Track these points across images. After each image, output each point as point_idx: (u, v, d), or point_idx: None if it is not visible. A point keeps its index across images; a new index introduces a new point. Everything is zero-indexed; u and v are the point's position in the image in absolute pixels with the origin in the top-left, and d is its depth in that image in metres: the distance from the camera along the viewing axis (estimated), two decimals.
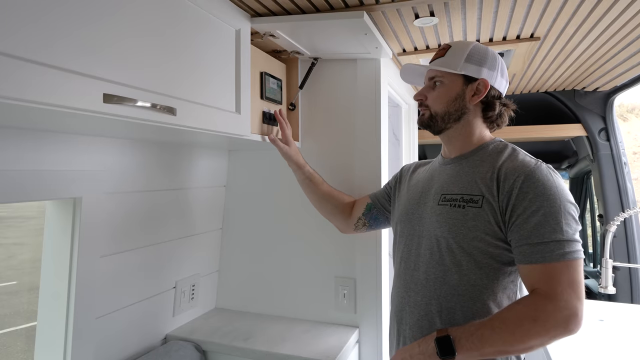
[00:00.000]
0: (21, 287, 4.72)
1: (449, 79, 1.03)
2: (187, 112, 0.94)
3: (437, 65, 1.04)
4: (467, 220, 0.94)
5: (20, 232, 5.38)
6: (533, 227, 0.86)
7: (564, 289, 0.83)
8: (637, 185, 9.22)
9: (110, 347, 1.19)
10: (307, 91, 1.55)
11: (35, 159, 0.94)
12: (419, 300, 1.00)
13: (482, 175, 0.96)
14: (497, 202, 0.91)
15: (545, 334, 0.82)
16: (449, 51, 1.05)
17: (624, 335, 1.54)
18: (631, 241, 2.20)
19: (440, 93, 1.04)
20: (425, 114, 1.07)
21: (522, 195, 0.88)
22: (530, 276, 0.87)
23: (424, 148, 3.08)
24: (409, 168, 1.27)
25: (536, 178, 0.89)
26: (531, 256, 0.86)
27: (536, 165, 0.91)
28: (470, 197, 0.95)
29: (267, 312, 1.61)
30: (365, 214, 1.31)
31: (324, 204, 1.36)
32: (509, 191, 0.90)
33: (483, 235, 0.92)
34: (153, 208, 1.31)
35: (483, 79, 1.02)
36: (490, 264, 0.93)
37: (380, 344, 1.46)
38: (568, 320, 0.82)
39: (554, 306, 0.82)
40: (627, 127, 11.80)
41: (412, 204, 1.10)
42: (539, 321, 0.82)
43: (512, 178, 0.90)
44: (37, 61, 0.63)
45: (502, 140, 1.05)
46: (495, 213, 0.91)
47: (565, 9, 1.16)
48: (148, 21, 0.85)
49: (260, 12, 1.18)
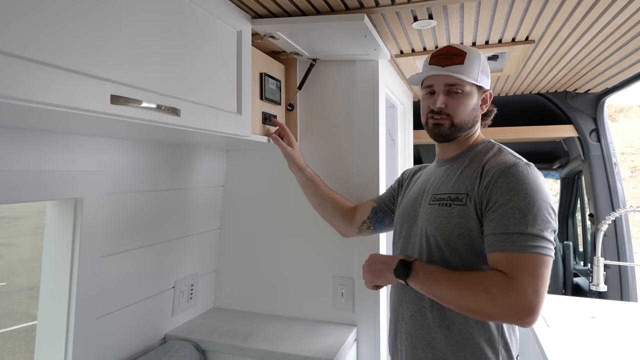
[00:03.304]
0: (11, 289, 4.65)
1: (469, 87, 1.03)
2: (190, 113, 0.94)
3: (462, 74, 1.00)
4: (452, 218, 0.96)
5: (8, 233, 5.28)
6: (499, 218, 0.88)
7: (524, 278, 0.82)
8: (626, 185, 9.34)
9: (111, 347, 1.19)
10: (306, 92, 1.56)
11: (37, 160, 0.93)
12: (413, 295, 1.03)
13: (469, 174, 0.99)
14: (478, 198, 0.94)
15: (492, 308, 0.83)
16: (467, 59, 1.01)
17: (615, 332, 1.58)
18: (621, 240, 2.25)
19: (461, 102, 1.02)
20: (444, 124, 1.03)
21: (496, 190, 0.90)
22: (494, 264, 0.88)
23: (418, 149, 3.11)
24: (410, 172, 1.29)
25: (511, 173, 0.90)
26: (494, 245, 0.88)
27: (514, 162, 0.93)
28: (456, 195, 0.98)
29: (265, 311, 1.62)
30: (371, 217, 1.32)
31: (325, 206, 1.37)
32: (486, 186, 0.92)
33: (467, 232, 0.94)
34: (152, 208, 1.31)
35: (489, 90, 1.07)
36: (475, 259, 0.95)
37: (378, 343, 1.48)
38: (521, 307, 0.81)
39: (510, 287, 0.82)
40: (616, 127, 11.99)
41: (409, 205, 1.13)
42: (489, 292, 0.84)
43: (490, 174, 0.93)
44: (45, 62, 0.63)
45: (491, 141, 1.08)
46: (476, 209, 0.94)
47: (560, 12, 1.18)
48: (152, 23, 0.85)
49: (261, 14, 1.19)
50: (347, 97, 1.53)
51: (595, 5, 1.13)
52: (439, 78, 1.03)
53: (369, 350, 1.49)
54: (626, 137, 11.73)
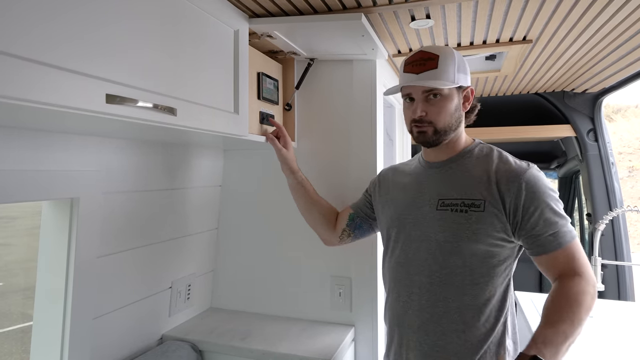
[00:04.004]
0: (8, 289, 4.63)
1: (447, 90, 1.01)
2: (187, 113, 0.94)
3: (436, 79, 0.99)
4: (471, 224, 0.98)
5: (5, 233, 5.26)
6: (541, 222, 0.95)
7: (585, 264, 0.95)
8: (623, 184, 9.37)
9: (107, 347, 1.18)
10: (303, 92, 1.56)
11: (33, 159, 0.93)
12: (424, 303, 1.02)
13: (478, 179, 1.01)
14: (500, 205, 0.96)
15: (593, 302, 0.93)
16: (440, 61, 0.99)
17: (613, 331, 1.58)
18: (618, 239, 2.25)
19: (441, 106, 1.01)
20: (427, 131, 1.02)
21: (529, 196, 0.95)
22: (555, 263, 0.95)
23: (416, 148, 3.10)
24: (387, 173, 1.27)
25: (532, 180, 0.97)
26: (548, 245, 0.95)
27: (528, 168, 0.99)
28: (471, 201, 0.99)
29: (263, 311, 1.62)
30: (349, 224, 1.31)
31: (311, 211, 1.35)
32: (516, 194, 0.96)
33: (486, 237, 0.97)
34: (149, 208, 1.31)
35: (469, 86, 1.07)
36: (491, 262, 0.98)
37: (375, 343, 1.48)
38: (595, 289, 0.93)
39: (587, 281, 0.93)
40: (613, 127, 12.03)
41: (404, 208, 1.11)
42: (594, 295, 0.93)
43: (516, 182, 0.97)
44: (40, 61, 0.62)
45: (481, 142, 1.10)
46: (499, 215, 0.96)
47: (557, 12, 1.18)
48: (148, 22, 0.85)
49: (258, 13, 1.18)
50: (345, 96, 1.52)
51: (592, 5, 1.13)
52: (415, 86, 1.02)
53: (366, 350, 1.49)
54: (623, 137, 11.77)
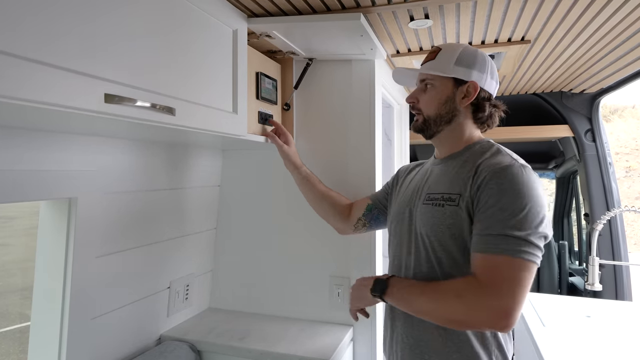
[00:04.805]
0: (5, 289, 4.61)
1: (439, 81, 1.04)
2: (185, 112, 0.94)
3: (428, 69, 1.05)
4: (445, 219, 0.95)
5: (3, 233, 5.23)
6: (486, 219, 0.86)
7: (500, 282, 0.80)
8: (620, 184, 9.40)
9: (105, 347, 1.18)
10: (302, 91, 1.56)
11: (31, 159, 0.93)
12: None
13: (464, 174, 0.97)
14: (469, 198, 0.92)
15: (467, 315, 0.83)
16: (439, 54, 1.05)
17: (611, 330, 1.58)
18: (616, 239, 2.26)
19: (431, 96, 1.06)
20: (418, 119, 1.08)
21: (487, 190, 0.88)
22: (474, 265, 0.87)
23: (414, 148, 3.11)
24: (405, 169, 1.28)
25: (503, 175, 0.88)
26: (476, 245, 0.87)
27: (509, 163, 0.90)
28: (449, 195, 0.96)
29: (261, 311, 1.61)
30: (366, 215, 1.32)
31: (321, 203, 1.37)
32: (478, 186, 0.90)
33: (459, 232, 0.93)
34: (147, 208, 1.30)
35: (473, 82, 1.02)
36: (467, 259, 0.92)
37: (374, 343, 1.48)
38: (497, 312, 0.79)
39: (484, 292, 0.81)
40: (610, 127, 12.06)
41: (403, 203, 1.12)
42: (462, 299, 0.83)
43: (484, 174, 0.91)
44: (38, 60, 0.62)
45: (490, 141, 1.06)
46: (468, 209, 0.92)
47: (556, 12, 1.18)
48: (147, 21, 0.85)
49: (257, 13, 1.18)
50: (344, 96, 1.52)
51: (590, 5, 1.13)
52: (419, 76, 1.11)
53: (365, 350, 1.49)
54: (621, 138, 11.81)
